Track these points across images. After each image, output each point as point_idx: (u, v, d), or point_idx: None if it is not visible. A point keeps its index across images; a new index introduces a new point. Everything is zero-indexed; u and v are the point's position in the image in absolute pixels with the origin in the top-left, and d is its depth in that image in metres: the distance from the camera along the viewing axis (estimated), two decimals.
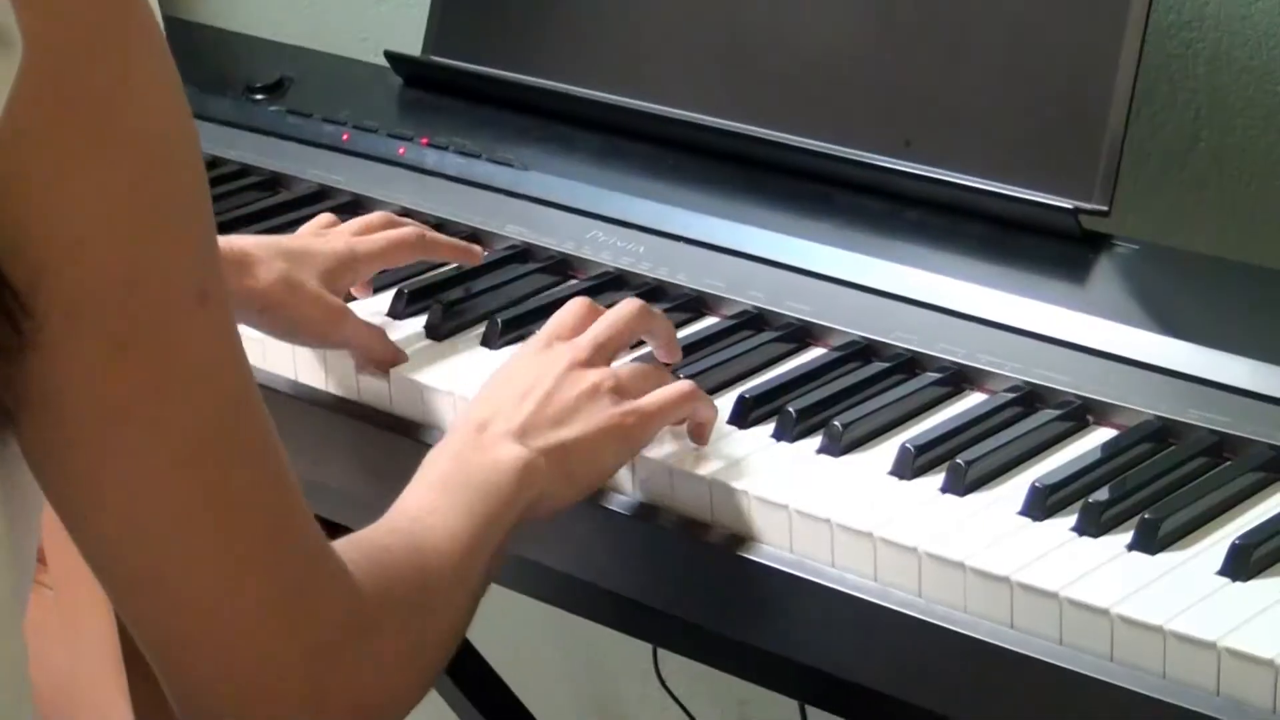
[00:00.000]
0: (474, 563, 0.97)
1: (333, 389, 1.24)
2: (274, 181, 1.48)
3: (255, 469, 0.82)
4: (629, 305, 1.13)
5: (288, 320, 1.18)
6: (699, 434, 1.11)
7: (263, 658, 0.84)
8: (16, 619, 0.83)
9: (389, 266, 1.28)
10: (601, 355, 1.09)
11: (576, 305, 1.13)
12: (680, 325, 1.23)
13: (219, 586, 0.82)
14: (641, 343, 1.16)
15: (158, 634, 0.84)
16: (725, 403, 1.14)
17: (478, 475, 1.01)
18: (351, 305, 1.24)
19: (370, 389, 1.21)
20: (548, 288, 1.30)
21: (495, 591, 1.04)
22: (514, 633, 1.96)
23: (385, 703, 0.90)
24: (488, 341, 1.23)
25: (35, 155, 0.73)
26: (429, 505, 0.98)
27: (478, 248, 1.31)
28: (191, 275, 0.78)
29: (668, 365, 1.16)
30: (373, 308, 1.28)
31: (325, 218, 1.29)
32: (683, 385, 1.10)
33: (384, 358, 1.20)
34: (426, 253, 1.28)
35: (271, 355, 1.25)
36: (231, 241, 1.17)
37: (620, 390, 1.07)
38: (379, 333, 1.21)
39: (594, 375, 1.07)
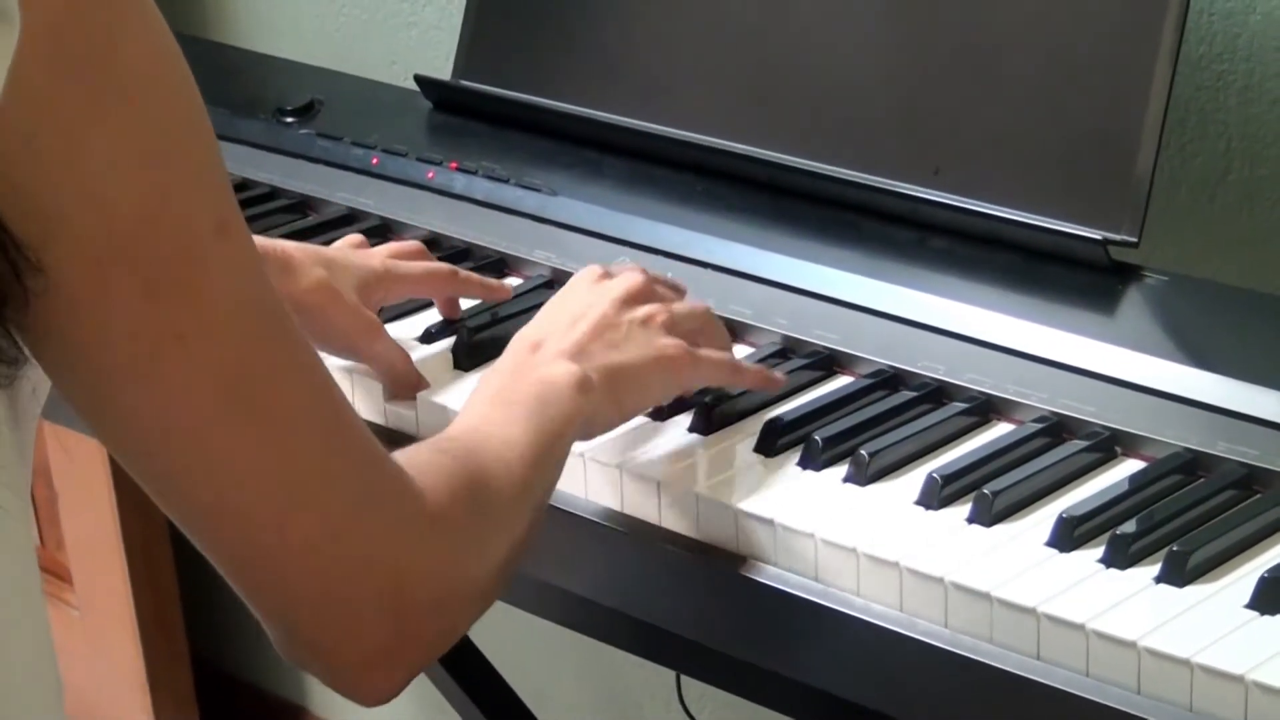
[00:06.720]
0: (533, 472, 0.98)
1: (362, 416, 1.23)
2: (303, 204, 1.49)
3: (301, 386, 0.84)
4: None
5: (322, 327, 1.18)
6: (771, 384, 1.15)
7: (334, 567, 0.85)
8: (31, 557, 0.84)
9: (419, 296, 1.28)
10: (654, 296, 1.12)
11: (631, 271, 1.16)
12: None
13: (282, 505, 0.83)
14: None
15: (232, 560, 0.85)
16: (751, 430, 1.14)
17: (533, 389, 1.02)
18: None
19: (396, 414, 1.21)
20: None
21: (518, 616, 1.04)
22: (537, 658, 1.95)
23: (464, 599, 0.91)
24: None
25: (40, 117, 0.75)
26: (484, 418, 1.00)
27: (508, 285, 1.30)
28: (208, 207, 0.80)
29: None
30: (403, 332, 1.28)
31: (356, 238, 1.29)
32: (728, 357, 1.13)
33: (407, 381, 1.20)
34: (458, 289, 1.28)
35: None
36: (274, 244, 1.18)
37: (672, 326, 1.10)
38: (406, 355, 1.21)
39: (648, 307, 1.10)
